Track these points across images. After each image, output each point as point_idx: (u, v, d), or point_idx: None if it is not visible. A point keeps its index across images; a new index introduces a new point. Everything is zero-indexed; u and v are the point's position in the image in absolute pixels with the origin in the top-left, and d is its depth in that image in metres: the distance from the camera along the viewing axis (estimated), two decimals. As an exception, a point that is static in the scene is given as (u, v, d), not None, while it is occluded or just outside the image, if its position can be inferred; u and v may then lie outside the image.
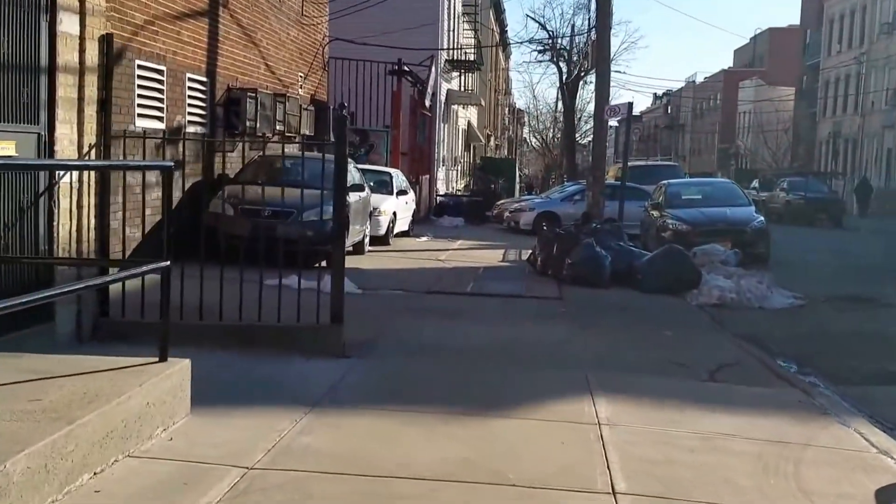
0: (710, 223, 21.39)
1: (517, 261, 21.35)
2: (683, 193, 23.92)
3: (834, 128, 61.98)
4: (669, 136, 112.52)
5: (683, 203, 22.94)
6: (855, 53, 58.07)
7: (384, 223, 22.66)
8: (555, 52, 47.76)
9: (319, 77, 26.83)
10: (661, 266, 16.64)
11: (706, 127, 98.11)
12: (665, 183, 24.97)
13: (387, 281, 15.93)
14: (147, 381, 6.17)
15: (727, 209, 22.20)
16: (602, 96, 25.00)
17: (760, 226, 21.84)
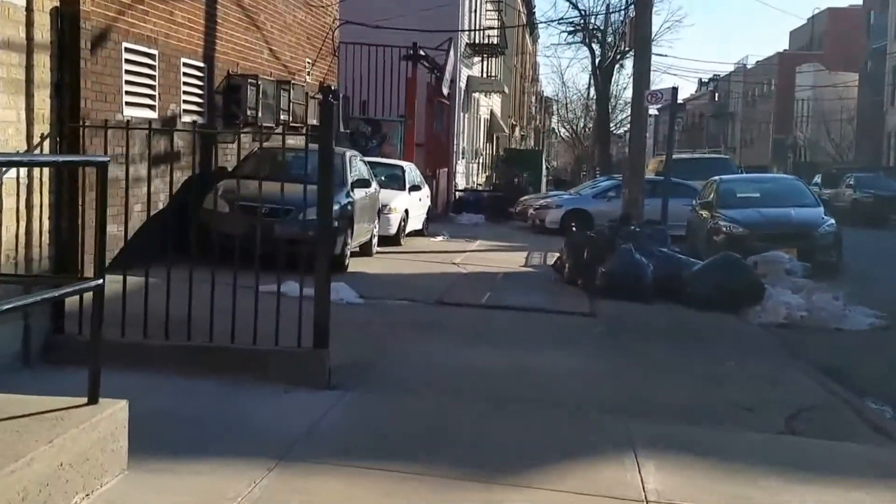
0: (771, 226, 19.94)
1: (541, 265, 20.01)
2: (739, 191, 22.44)
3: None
4: (717, 125, 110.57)
5: (739, 202, 21.48)
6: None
7: (395, 222, 21.39)
8: (587, 33, 46.15)
9: (329, 63, 25.69)
10: (715, 277, 15.23)
11: (759, 116, 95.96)
12: (717, 179, 23.46)
13: (393, 288, 14.69)
14: (63, 433, 5.06)
15: (791, 210, 20.74)
16: (641, 80, 23.62)
17: (831, 229, 20.37)
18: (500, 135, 57.11)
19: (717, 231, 20.45)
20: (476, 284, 15.96)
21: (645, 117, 24.66)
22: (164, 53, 15.07)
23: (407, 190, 22.84)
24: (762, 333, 13.45)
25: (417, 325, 11.84)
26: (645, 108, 24.23)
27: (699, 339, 12.44)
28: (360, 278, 15.37)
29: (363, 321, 11.57)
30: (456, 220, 31.82)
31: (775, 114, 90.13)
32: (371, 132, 27.84)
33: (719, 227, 20.46)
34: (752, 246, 19.21)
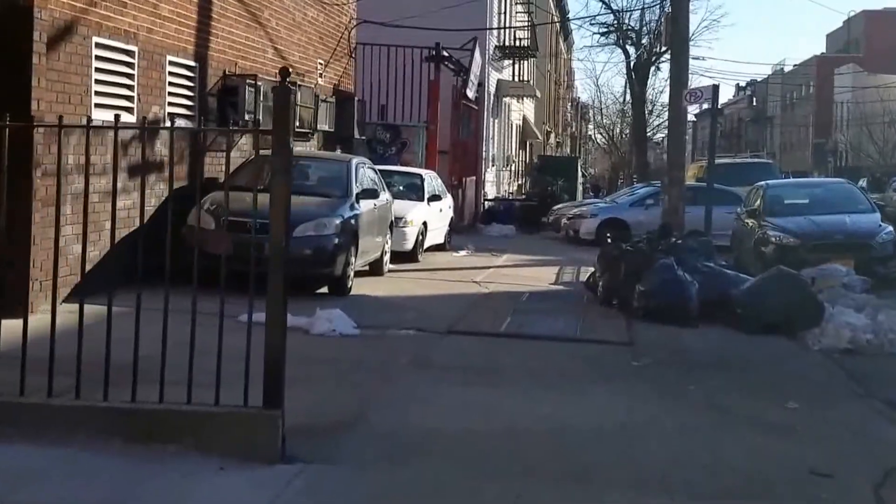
0: (825, 235, 17.88)
1: (574, 282, 18.10)
2: (788, 197, 20.36)
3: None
4: (755, 130, 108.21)
5: (788, 209, 19.39)
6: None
7: (411, 236, 19.50)
8: (621, 34, 43.83)
9: (345, 65, 23.90)
10: (768, 296, 13.23)
11: (798, 120, 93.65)
12: (763, 184, 21.36)
13: (399, 314, 12.80)
14: None
15: (846, 217, 18.64)
16: (679, 81, 21.70)
17: (890, 238, 18.23)
18: (533, 141, 55.06)
19: (766, 241, 18.41)
20: (497, 307, 14.04)
21: (684, 119, 22.69)
22: (145, 50, 13.42)
23: (426, 200, 20.94)
24: (825, 362, 11.46)
25: (420, 362, 9.93)
26: (683, 109, 22.29)
27: (756, 374, 10.48)
28: (364, 303, 13.54)
29: (353, 359, 9.73)
30: (484, 231, 29.93)
31: (814, 117, 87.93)
32: (390, 139, 25.96)
33: (768, 236, 18.41)
34: (804, 257, 17.23)
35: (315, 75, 21.32)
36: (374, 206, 15.95)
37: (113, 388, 6.35)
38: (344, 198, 14.83)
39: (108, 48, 12.47)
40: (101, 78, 12.33)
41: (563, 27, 69.33)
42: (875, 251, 17.77)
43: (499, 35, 36.91)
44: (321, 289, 14.18)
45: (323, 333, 10.89)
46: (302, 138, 20.28)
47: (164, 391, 6.36)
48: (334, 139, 22.35)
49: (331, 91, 22.42)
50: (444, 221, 22.45)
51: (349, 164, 15.72)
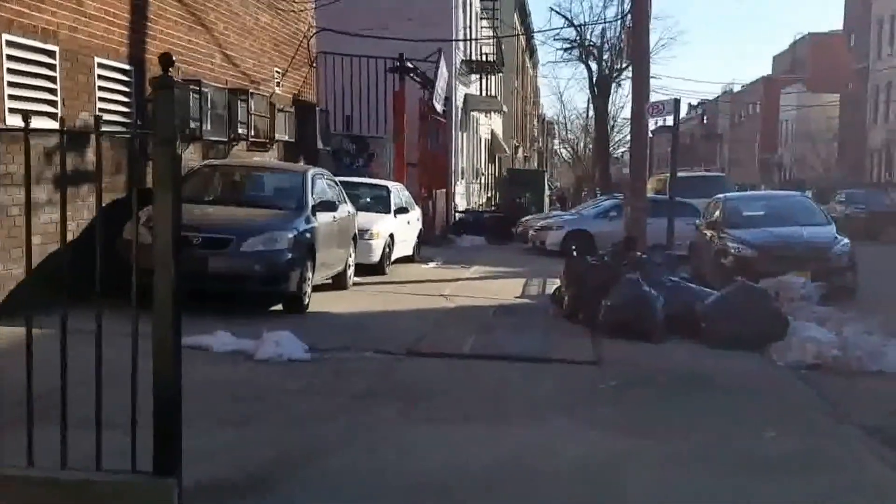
0: (783, 247, 16.77)
1: (540, 295, 16.89)
2: (746, 209, 19.27)
3: (888, 136, 56.91)
4: (707, 146, 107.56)
5: (747, 221, 18.30)
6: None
7: (377, 248, 18.26)
8: (583, 50, 42.59)
9: (305, 75, 22.53)
10: (732, 310, 12.09)
11: (746, 136, 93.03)
12: (722, 196, 20.29)
13: (358, 334, 11.50)
14: None
15: (803, 229, 17.56)
16: (640, 94, 20.60)
17: (846, 250, 17.16)
18: (502, 155, 53.89)
19: (725, 253, 17.31)
20: (462, 323, 12.81)
21: (645, 133, 21.53)
22: (68, 50, 11.93)
23: (392, 212, 19.72)
24: (793, 379, 10.30)
25: (373, 392, 8.55)
26: (645, 123, 21.20)
27: (726, 394, 9.28)
28: (321, 321, 12.31)
29: (298, 390, 8.38)
30: (454, 242, 28.77)
31: (761, 134, 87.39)
32: (357, 150, 24.71)
33: (727, 248, 17.31)
34: (762, 269, 16.15)
35: (271, 84, 20.06)
36: (334, 218, 14.67)
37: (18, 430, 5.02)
38: (299, 210, 13.53)
39: (21, 47, 11.02)
40: (16, 80, 10.90)
41: (529, 45, 68.32)
42: (832, 262, 16.71)
43: (465, 50, 35.74)
44: (276, 306, 12.90)
45: (269, 358, 9.55)
46: (260, 148, 19.07)
47: (31, 449, 4.86)
48: (296, 150, 21.11)
49: (290, 101, 21.17)
50: (412, 233, 21.24)
51: (305, 174, 14.39)
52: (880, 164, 57.89)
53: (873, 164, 59.17)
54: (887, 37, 57.73)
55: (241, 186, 14.57)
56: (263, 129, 18.73)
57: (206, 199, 13.89)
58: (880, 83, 58.45)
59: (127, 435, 4.81)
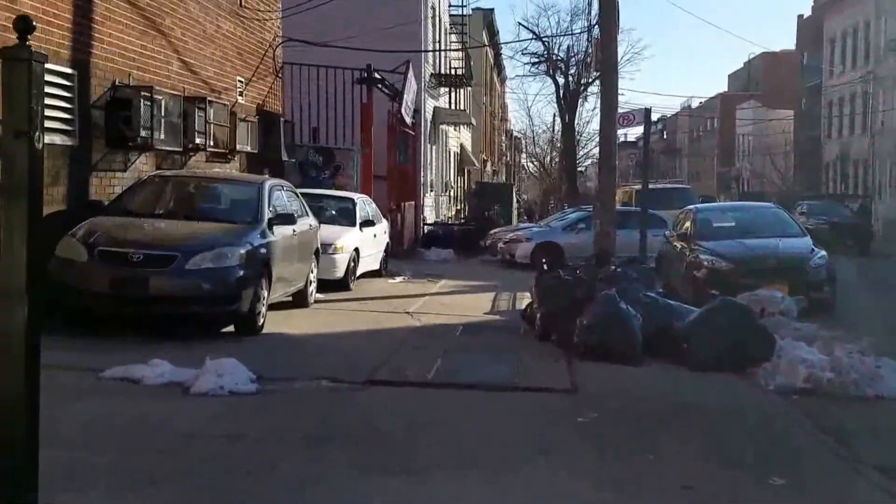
0: (758, 260, 15.43)
1: (510, 310, 15.48)
2: (718, 220, 17.88)
3: (841, 150, 55.96)
4: (666, 160, 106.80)
5: (719, 233, 16.94)
6: (860, 72, 52.08)
7: (341, 263, 16.78)
8: (550, 64, 41.11)
9: (270, 85, 21.03)
10: (714, 329, 10.70)
11: (704, 151, 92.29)
12: (693, 208, 18.96)
13: (314, 358, 10.05)
14: None
15: (778, 241, 16.19)
16: (609, 105, 19.22)
17: (823, 262, 15.79)
18: (471, 168, 52.42)
19: (698, 266, 15.93)
20: (428, 345, 11.32)
21: (614, 145, 20.21)
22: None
23: (358, 226, 18.21)
24: (788, 409, 8.91)
25: (324, 435, 7.01)
26: (613, 136, 19.88)
27: (720, 430, 7.90)
28: (276, 343, 10.84)
29: (234, 434, 6.85)
30: (423, 255, 27.25)
31: (719, 148, 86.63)
32: (323, 162, 23.11)
33: (700, 261, 15.93)
34: (736, 282, 14.82)
35: (234, 93, 18.55)
36: (294, 232, 13.15)
37: None
38: (254, 224, 12.01)
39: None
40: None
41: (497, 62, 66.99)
42: (809, 275, 15.35)
43: (435, 63, 34.32)
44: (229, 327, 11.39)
45: (207, 392, 8.04)
46: (220, 160, 17.58)
47: None
48: (260, 161, 19.62)
49: (254, 111, 19.67)
50: (378, 247, 19.76)
51: (261, 186, 12.84)
52: (835, 176, 56.89)
53: (829, 177, 58.17)
54: (839, 55, 56.82)
55: (192, 199, 13.03)
56: (223, 139, 17.23)
57: (151, 212, 12.39)
58: (833, 99, 57.52)
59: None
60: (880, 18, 50.04)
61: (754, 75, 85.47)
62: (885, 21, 49.35)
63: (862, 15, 52.20)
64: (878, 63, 49.13)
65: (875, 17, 50.49)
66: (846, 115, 55.59)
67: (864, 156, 52.04)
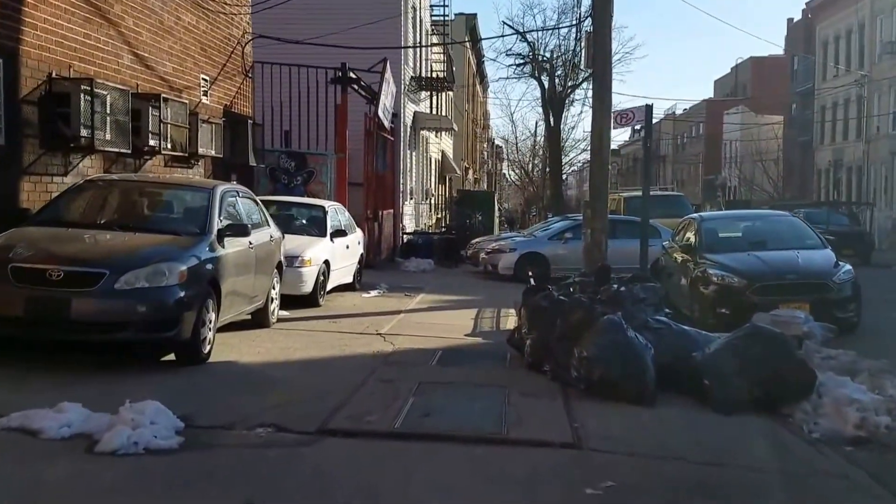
0: (775, 275, 13.73)
1: (494, 331, 13.73)
2: (726, 231, 16.20)
3: (834, 155, 54.40)
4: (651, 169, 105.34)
5: (729, 245, 15.27)
6: (854, 76, 50.51)
7: (309, 277, 15.03)
8: (536, 65, 39.12)
9: (239, 84, 19.26)
10: (743, 362, 8.96)
11: (689, 158, 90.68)
12: (697, 217, 17.19)
13: (262, 396, 8.27)
14: None
15: (797, 254, 14.47)
16: (602, 104, 17.65)
17: (849, 278, 14.04)
18: (452, 176, 50.63)
19: (705, 281, 14.22)
20: (399, 377, 9.49)
21: (606, 148, 18.55)
22: None
23: (328, 236, 16.45)
24: (847, 469, 7.14)
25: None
26: (606, 138, 18.23)
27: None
28: (220, 376, 9.08)
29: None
30: (402, 266, 25.54)
31: (704, 155, 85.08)
32: (295, 168, 21.32)
33: (707, 276, 14.21)
34: (751, 301, 13.16)
35: (197, 92, 16.77)
36: (250, 244, 11.35)
37: None
38: (201, 235, 10.22)
39: None
40: None
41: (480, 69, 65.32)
42: (833, 293, 13.62)
43: (415, 66, 32.57)
44: (168, 355, 9.61)
45: (117, 450, 6.27)
46: (182, 164, 15.81)
47: None
48: (226, 167, 17.83)
49: (220, 112, 17.87)
50: (351, 259, 17.96)
51: (212, 192, 10.99)
52: (828, 183, 55.33)
53: (821, 184, 56.61)
54: (832, 58, 55.31)
55: (131, 206, 11.19)
56: (181, 141, 15.43)
57: (84, 221, 10.59)
58: (826, 104, 56.00)
59: None
60: (875, 20, 48.57)
61: (741, 81, 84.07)
62: (881, 23, 47.87)
63: (856, 17, 50.72)
64: (874, 66, 47.62)
65: (870, 19, 49.00)
66: (839, 120, 54.07)
67: (858, 162, 50.51)
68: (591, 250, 17.52)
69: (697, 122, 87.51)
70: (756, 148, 62.05)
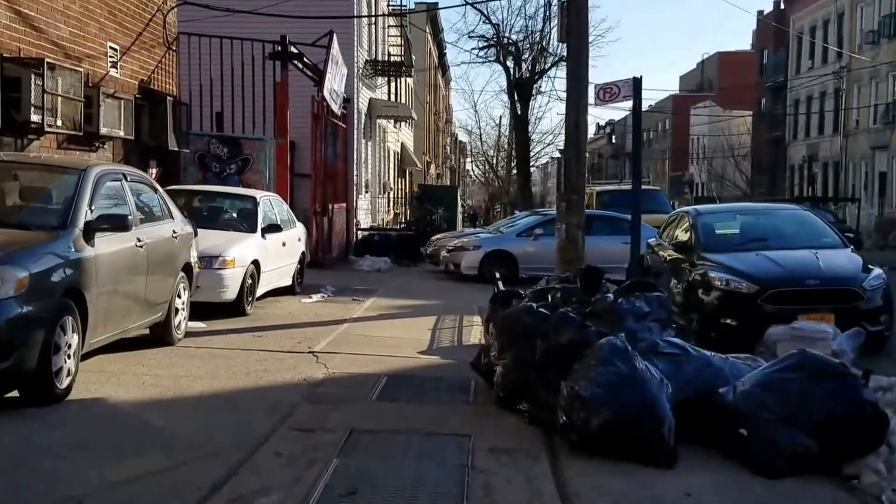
0: (793, 279, 11.27)
1: (455, 346, 11.28)
2: (725, 226, 13.77)
3: (809, 151, 52.34)
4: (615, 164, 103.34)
5: (732, 243, 12.84)
6: (832, 68, 48.43)
7: (232, 281, 12.48)
8: (501, 49, 36.27)
9: (160, 57, 16.63)
10: (791, 403, 6.53)
11: (655, 154, 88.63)
12: (692, 210, 14.59)
13: (114, 462, 5.77)
14: None
15: (814, 255, 11.99)
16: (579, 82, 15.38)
17: (880, 284, 11.50)
18: (413, 170, 47.99)
19: (706, 286, 11.76)
20: (321, 424, 6.91)
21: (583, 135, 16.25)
22: None
23: (259, 232, 13.89)
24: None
25: None
26: (583, 122, 15.92)
27: None
28: (68, 427, 6.60)
29: None
30: (355, 265, 23.06)
31: (671, 151, 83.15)
32: (228, 154, 18.64)
33: (709, 280, 11.74)
34: (764, 310, 10.80)
35: (103, 62, 14.16)
36: (139, 242, 8.79)
37: None
38: (59, 230, 7.63)
39: None
40: None
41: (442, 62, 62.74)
42: (864, 302, 11.20)
43: (370, 49, 29.95)
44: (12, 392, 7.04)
45: None
46: (81, 146, 13.22)
47: None
48: (143, 151, 15.24)
49: (134, 88, 15.26)
50: (290, 258, 15.39)
51: (83, 175, 8.30)
52: (801, 180, 53.27)
53: (794, 181, 54.54)
54: (807, 50, 53.26)
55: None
56: (75, 117, 12.79)
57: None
58: (800, 97, 53.95)
59: None
60: (856, 9, 46.46)
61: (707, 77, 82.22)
62: (862, 11, 45.79)
63: (835, 6, 48.64)
64: (853, 57, 45.57)
65: (850, 7, 46.90)
66: (815, 113, 52.03)
67: (835, 157, 48.47)
68: (565, 248, 15.31)
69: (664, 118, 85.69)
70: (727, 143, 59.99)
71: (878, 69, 43.23)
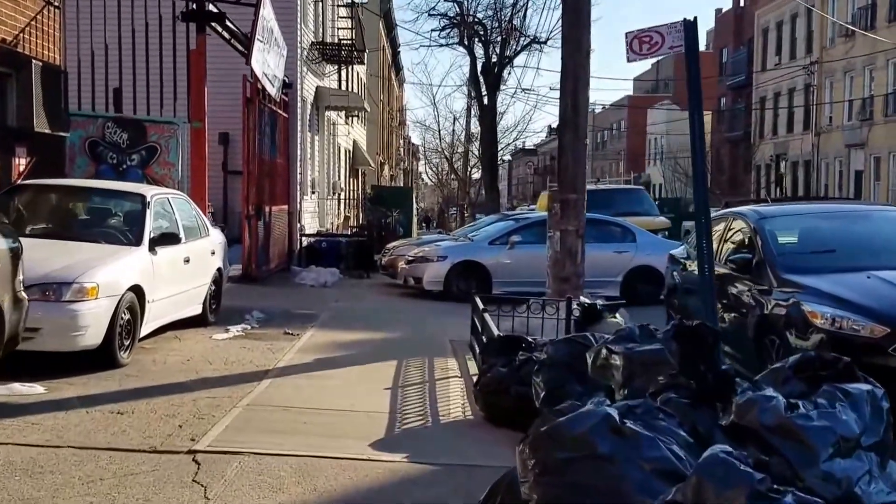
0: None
1: (427, 427, 6.91)
2: (809, 237, 9.34)
3: (776, 149, 48.54)
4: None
5: (825, 261, 8.50)
6: (801, 63, 44.67)
7: (94, 318, 7.97)
8: (466, 29, 31.24)
9: (34, 14, 12.09)
10: None
11: (610, 156, 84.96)
12: (751, 213, 9.89)
13: None
14: None
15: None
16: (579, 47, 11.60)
17: None
18: (366, 170, 43.34)
19: (800, 324, 7.55)
20: None
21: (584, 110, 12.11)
22: None
23: (146, 244, 9.30)
24: None
25: None
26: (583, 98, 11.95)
27: None
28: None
29: None
30: (297, 277, 18.68)
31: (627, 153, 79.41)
32: (129, 141, 13.99)
33: (804, 316, 7.52)
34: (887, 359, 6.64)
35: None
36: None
37: None
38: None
39: None
40: None
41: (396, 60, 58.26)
42: None
43: (317, 31, 25.40)
44: None
45: None
46: None
47: None
48: (9, 134, 10.76)
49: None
50: (197, 279, 10.83)
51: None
52: (768, 181, 49.46)
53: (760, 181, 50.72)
54: (774, 46, 49.49)
55: None
56: None
57: None
58: (767, 94, 50.17)
59: None
60: (826, 1, 42.68)
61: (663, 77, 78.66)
62: (834, 4, 41.99)
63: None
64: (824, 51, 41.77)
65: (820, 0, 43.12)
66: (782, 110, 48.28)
67: (806, 156, 44.68)
68: (559, 262, 11.29)
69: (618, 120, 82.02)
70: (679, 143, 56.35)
71: (852, 62, 39.52)
